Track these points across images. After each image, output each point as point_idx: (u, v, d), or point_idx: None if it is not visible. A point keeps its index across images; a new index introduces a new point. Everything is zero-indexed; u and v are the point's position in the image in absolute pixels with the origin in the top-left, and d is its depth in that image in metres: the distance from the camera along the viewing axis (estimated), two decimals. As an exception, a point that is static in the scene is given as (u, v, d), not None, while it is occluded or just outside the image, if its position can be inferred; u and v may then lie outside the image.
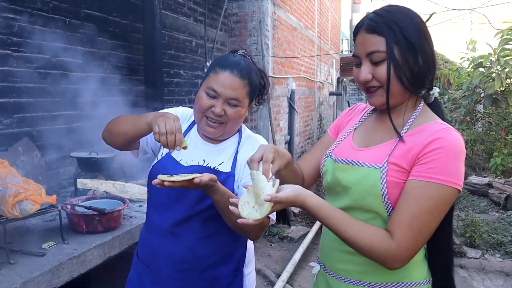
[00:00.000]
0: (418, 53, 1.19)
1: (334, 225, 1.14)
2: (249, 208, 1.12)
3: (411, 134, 1.22)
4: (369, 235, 1.13)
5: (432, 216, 1.13)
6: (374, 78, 1.22)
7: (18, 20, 2.72)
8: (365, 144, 1.33)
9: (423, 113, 1.27)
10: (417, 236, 1.12)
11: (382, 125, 1.32)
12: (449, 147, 1.13)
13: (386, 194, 1.18)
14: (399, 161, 1.18)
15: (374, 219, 1.22)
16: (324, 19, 11.27)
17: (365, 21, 1.23)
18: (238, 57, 1.56)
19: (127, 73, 3.73)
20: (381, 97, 1.23)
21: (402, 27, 1.18)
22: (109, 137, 1.60)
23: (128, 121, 1.53)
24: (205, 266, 1.54)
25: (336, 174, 1.32)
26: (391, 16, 1.20)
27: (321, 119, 11.09)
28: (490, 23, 7.67)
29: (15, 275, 1.70)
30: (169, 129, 1.31)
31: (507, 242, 4.98)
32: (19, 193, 1.83)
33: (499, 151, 7.73)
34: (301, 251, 4.56)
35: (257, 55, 5.85)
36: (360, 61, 1.24)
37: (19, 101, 2.76)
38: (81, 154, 2.97)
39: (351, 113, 1.53)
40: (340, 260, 1.32)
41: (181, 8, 4.73)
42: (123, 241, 2.27)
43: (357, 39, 1.26)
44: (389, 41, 1.17)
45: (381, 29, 1.18)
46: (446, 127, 1.18)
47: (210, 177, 1.28)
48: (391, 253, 1.11)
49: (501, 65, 6.95)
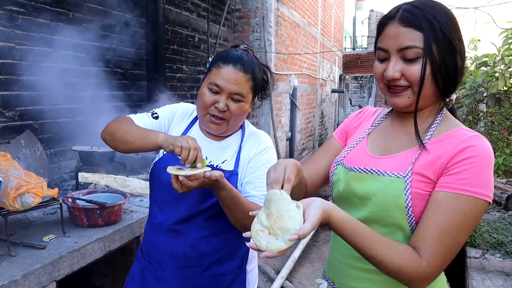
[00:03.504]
0: (456, 53, 1.09)
1: (360, 243, 1.01)
2: (265, 236, 0.95)
3: (435, 142, 1.11)
4: (397, 254, 1.01)
5: (462, 231, 1.02)
6: (403, 76, 1.09)
7: (22, 13, 2.72)
8: (382, 151, 1.21)
9: (446, 119, 1.17)
10: (446, 253, 1.02)
11: (401, 130, 1.21)
12: (482, 156, 1.02)
13: (410, 206, 1.07)
14: (424, 171, 1.08)
15: (394, 233, 1.11)
16: (328, 16, 11.24)
17: (399, 12, 1.09)
18: (241, 51, 1.53)
19: (129, 68, 3.74)
20: (408, 98, 1.11)
21: (442, 23, 1.06)
22: (111, 141, 1.50)
23: (135, 133, 1.43)
24: (209, 263, 1.53)
25: (351, 184, 1.19)
26: (430, 10, 1.07)
27: (323, 116, 11.09)
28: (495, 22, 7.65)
29: (15, 267, 1.71)
30: (193, 145, 1.27)
31: (508, 242, 4.98)
32: (21, 186, 1.83)
33: (501, 151, 7.71)
34: (301, 248, 4.57)
35: (260, 51, 5.84)
36: (387, 56, 1.11)
37: (21, 94, 2.76)
38: (83, 147, 2.97)
39: (360, 117, 1.40)
40: (354, 278, 1.20)
41: (184, 3, 4.72)
42: (124, 235, 2.27)
43: (386, 31, 1.12)
44: (428, 37, 1.05)
45: (420, 23, 1.06)
46: (476, 134, 1.07)
47: (219, 173, 1.27)
48: (421, 273, 1.01)
49: (505, 64, 6.93)
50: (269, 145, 1.59)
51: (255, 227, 0.98)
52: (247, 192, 1.48)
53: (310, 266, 4.47)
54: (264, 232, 0.95)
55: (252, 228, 0.98)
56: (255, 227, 0.98)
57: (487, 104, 7.95)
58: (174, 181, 1.26)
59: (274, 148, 1.63)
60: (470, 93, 8.12)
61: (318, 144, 10.49)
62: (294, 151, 7.63)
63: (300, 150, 8.56)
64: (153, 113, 1.61)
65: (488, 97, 7.67)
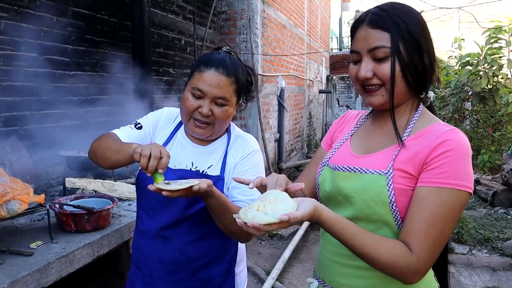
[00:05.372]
0: (423, 51, 1.14)
1: (351, 240, 1.04)
2: (253, 212, 0.98)
3: (414, 138, 1.15)
4: (388, 249, 1.04)
5: (448, 223, 1.06)
6: (375, 75, 1.15)
7: (4, 17, 2.70)
8: (364, 150, 1.24)
9: (424, 115, 1.21)
10: (435, 246, 1.06)
11: (380, 129, 1.25)
12: (458, 149, 1.06)
13: (394, 201, 1.10)
14: (405, 167, 1.11)
15: (380, 229, 1.14)
16: (314, 17, 11.30)
17: (368, 15, 1.16)
18: (223, 54, 1.51)
19: (116, 71, 3.72)
20: (382, 96, 1.16)
21: (408, 24, 1.12)
22: (95, 159, 1.48)
23: (112, 148, 1.40)
24: (197, 267, 1.53)
25: (337, 183, 1.22)
26: (396, 12, 1.14)
27: (311, 117, 11.13)
28: (478, 22, 7.77)
29: (2, 275, 1.69)
30: (154, 153, 1.22)
31: (494, 238, 5.05)
32: (7, 193, 1.81)
33: (486, 148, 7.83)
34: (291, 249, 4.58)
35: (246, 53, 5.85)
36: (360, 58, 1.17)
37: (5, 100, 2.73)
38: (70, 152, 2.95)
39: (343, 122, 1.45)
40: (343, 275, 1.23)
41: (170, 6, 4.71)
42: (112, 240, 2.26)
43: (357, 34, 1.18)
44: (395, 37, 1.11)
45: (387, 24, 1.12)
46: (452, 128, 1.11)
47: (208, 183, 1.24)
48: (412, 267, 1.04)
49: (488, 63, 7.04)
50: (255, 148, 1.58)
51: (243, 208, 1.02)
52: (234, 197, 1.48)
53: (300, 266, 4.48)
54: (253, 209, 0.99)
55: (240, 210, 1.02)
56: (243, 208, 1.02)
57: (472, 103, 8.08)
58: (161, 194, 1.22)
59: (261, 151, 1.63)
60: (455, 92, 8.23)
61: (307, 145, 10.53)
62: (283, 152, 7.65)
63: (289, 151, 8.58)
64: (136, 123, 1.59)
65: (472, 95, 7.78)
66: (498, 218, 5.80)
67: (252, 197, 1.45)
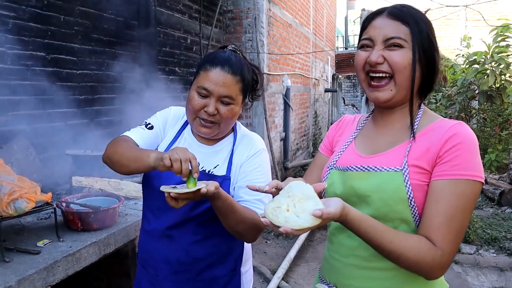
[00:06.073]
0: (435, 51, 1.19)
1: (380, 238, 1.04)
2: (284, 213, 0.94)
3: (422, 134, 1.17)
4: (413, 245, 1.05)
5: (466, 214, 1.08)
6: (386, 61, 1.15)
7: (13, 17, 2.71)
8: (371, 151, 1.24)
9: (426, 113, 1.23)
10: (457, 238, 1.07)
11: (384, 129, 1.26)
12: (468, 141, 1.09)
13: (412, 197, 1.10)
14: (418, 162, 1.12)
15: (398, 227, 1.13)
16: (319, 16, 11.26)
17: (389, 8, 1.19)
18: (228, 52, 1.50)
19: (122, 71, 3.73)
20: (390, 91, 1.17)
21: (425, 24, 1.17)
22: (111, 165, 1.46)
23: (129, 155, 1.38)
24: (203, 267, 1.53)
25: (351, 183, 1.20)
26: (416, 12, 1.19)
27: (317, 116, 11.11)
28: (485, 20, 7.71)
29: (10, 273, 1.70)
30: (183, 156, 1.21)
31: (501, 237, 5.02)
32: (14, 192, 1.82)
33: (493, 147, 7.76)
34: (296, 248, 4.57)
35: (252, 52, 5.85)
36: (371, 45, 1.18)
37: (13, 99, 2.75)
38: (76, 151, 2.96)
39: (341, 127, 1.44)
40: (359, 278, 1.20)
41: (176, 5, 4.71)
42: (118, 239, 2.27)
43: (373, 23, 1.20)
44: (415, 31, 1.15)
45: (407, 19, 1.16)
46: (459, 122, 1.14)
47: (215, 185, 1.24)
48: (438, 260, 1.04)
49: (495, 61, 6.97)
50: (261, 148, 1.57)
51: (270, 205, 0.97)
52: (240, 197, 1.48)
53: (306, 265, 4.48)
54: (282, 209, 0.95)
55: (267, 208, 0.97)
56: (270, 205, 0.97)
57: (479, 101, 8.01)
58: (169, 199, 1.22)
59: (267, 150, 1.62)
60: (462, 91, 8.17)
61: (312, 144, 10.51)
62: (288, 151, 7.64)
63: (294, 150, 8.57)
64: (147, 124, 1.58)
65: (479, 94, 7.72)
66: (506, 218, 5.76)
67: (258, 197, 1.45)
